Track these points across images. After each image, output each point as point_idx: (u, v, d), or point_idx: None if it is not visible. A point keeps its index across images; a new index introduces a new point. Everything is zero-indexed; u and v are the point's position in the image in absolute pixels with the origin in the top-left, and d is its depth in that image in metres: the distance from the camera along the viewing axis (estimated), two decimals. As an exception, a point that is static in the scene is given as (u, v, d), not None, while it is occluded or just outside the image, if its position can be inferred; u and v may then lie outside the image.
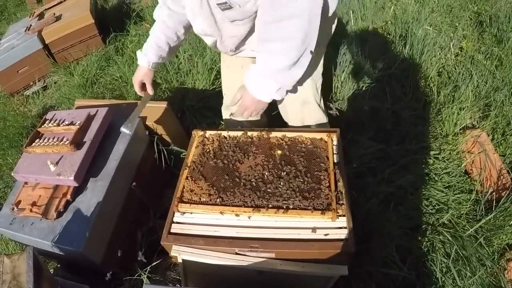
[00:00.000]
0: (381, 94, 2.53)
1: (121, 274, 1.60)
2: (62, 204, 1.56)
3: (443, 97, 2.51)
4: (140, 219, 1.84)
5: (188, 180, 1.40)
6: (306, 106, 1.67)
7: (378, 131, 2.33)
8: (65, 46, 3.51)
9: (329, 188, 1.30)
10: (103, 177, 1.65)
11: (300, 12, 1.16)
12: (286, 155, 1.44)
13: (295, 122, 1.77)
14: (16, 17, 5.06)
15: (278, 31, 1.21)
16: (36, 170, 1.62)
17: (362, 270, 1.68)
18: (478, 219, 1.89)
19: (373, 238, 1.76)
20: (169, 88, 2.93)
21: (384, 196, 1.95)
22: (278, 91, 1.33)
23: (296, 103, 1.68)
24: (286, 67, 1.27)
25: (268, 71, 1.30)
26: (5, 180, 2.74)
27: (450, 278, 1.67)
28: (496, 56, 2.77)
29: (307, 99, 1.65)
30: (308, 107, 1.68)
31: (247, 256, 1.23)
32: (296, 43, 1.21)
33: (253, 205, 1.29)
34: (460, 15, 3.28)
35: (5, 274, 1.18)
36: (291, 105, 1.72)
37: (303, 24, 1.18)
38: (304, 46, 1.23)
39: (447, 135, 2.32)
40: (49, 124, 1.78)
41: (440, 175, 2.10)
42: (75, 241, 1.46)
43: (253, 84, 1.35)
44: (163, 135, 2.03)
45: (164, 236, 1.26)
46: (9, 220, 1.59)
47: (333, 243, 1.19)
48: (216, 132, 1.56)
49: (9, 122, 3.14)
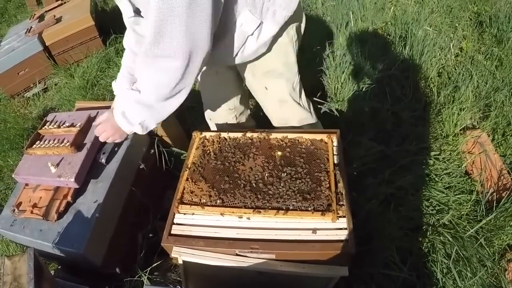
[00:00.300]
0: (381, 95, 2.53)
1: (121, 275, 1.60)
2: (62, 206, 1.56)
3: (443, 98, 2.50)
4: (141, 220, 1.84)
5: (188, 181, 1.40)
6: (284, 105, 1.66)
7: (378, 132, 2.33)
8: (65, 48, 3.52)
9: (329, 189, 1.31)
10: (103, 179, 1.65)
11: (176, 54, 1.13)
12: (286, 156, 1.44)
13: (279, 122, 1.76)
14: (16, 19, 5.07)
15: (151, 68, 1.20)
16: (37, 171, 1.62)
17: (362, 271, 1.68)
18: (478, 220, 1.88)
19: (374, 239, 1.76)
20: (170, 90, 2.93)
21: (385, 197, 1.95)
22: (141, 124, 1.34)
23: (274, 103, 1.68)
24: (154, 103, 1.27)
25: (134, 102, 1.29)
26: (6, 181, 2.74)
27: (450, 279, 1.67)
28: (496, 57, 2.77)
29: (283, 98, 1.64)
30: (287, 105, 1.66)
31: (247, 257, 1.23)
32: (168, 83, 1.21)
33: (254, 206, 1.29)
34: (460, 15, 3.28)
35: (6, 275, 1.18)
36: (270, 106, 1.71)
37: (177, 66, 1.16)
38: (177, 88, 1.23)
39: (447, 136, 2.32)
40: (50, 126, 1.78)
41: (440, 176, 2.10)
42: (76, 243, 1.47)
43: (117, 110, 1.35)
44: (163, 136, 2.04)
45: (164, 238, 1.26)
46: (10, 222, 1.60)
47: (334, 244, 1.19)
48: (217, 134, 1.57)
49: (10, 124, 3.14)
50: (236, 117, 1.95)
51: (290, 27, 1.45)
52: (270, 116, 1.77)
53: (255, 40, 1.37)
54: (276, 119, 1.76)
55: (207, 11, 1.09)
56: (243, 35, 1.34)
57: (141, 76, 1.27)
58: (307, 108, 1.74)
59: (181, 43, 1.11)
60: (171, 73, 1.18)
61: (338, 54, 2.68)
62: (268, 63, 1.52)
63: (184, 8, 1.04)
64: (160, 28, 1.08)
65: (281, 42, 1.47)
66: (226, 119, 1.95)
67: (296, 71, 1.59)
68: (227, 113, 1.92)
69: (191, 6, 1.05)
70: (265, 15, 1.32)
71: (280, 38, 1.45)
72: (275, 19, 1.34)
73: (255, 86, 1.66)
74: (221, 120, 1.96)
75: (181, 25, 1.07)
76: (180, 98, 1.29)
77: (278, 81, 1.57)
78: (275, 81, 1.57)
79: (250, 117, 2.09)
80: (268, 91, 1.63)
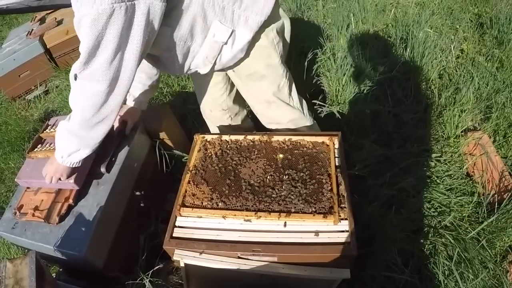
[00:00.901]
0: (382, 97, 2.53)
1: (123, 278, 1.60)
2: (64, 209, 1.56)
3: (444, 100, 2.51)
4: (142, 223, 1.84)
5: (190, 184, 1.40)
6: (271, 105, 1.66)
7: (379, 134, 2.33)
8: (66, 50, 3.52)
9: (331, 192, 1.31)
10: (105, 182, 1.65)
11: (100, 78, 1.18)
12: (288, 159, 1.44)
13: (269, 123, 1.76)
14: (17, 22, 5.08)
15: (78, 93, 1.27)
16: (38, 175, 1.62)
17: (364, 274, 1.68)
18: (480, 222, 1.88)
19: (375, 241, 1.76)
20: (171, 92, 2.94)
21: (386, 199, 1.94)
22: (74, 154, 1.40)
23: (262, 104, 1.68)
24: (81, 131, 1.32)
25: (66, 132, 1.36)
26: (7, 184, 2.74)
27: (452, 280, 1.67)
28: (497, 58, 2.77)
29: (269, 99, 1.64)
30: (275, 105, 1.66)
31: (249, 260, 1.23)
32: (92, 105, 1.24)
33: (255, 209, 1.29)
34: (461, 17, 3.28)
35: (8, 278, 1.18)
36: (258, 105, 1.72)
37: (101, 90, 1.21)
38: (102, 112, 1.27)
39: (449, 138, 2.32)
40: (51, 129, 1.79)
41: (442, 178, 2.10)
42: (77, 246, 1.46)
43: (56, 143, 1.42)
44: (164, 139, 2.04)
45: (166, 240, 1.26)
46: (11, 225, 1.59)
47: (335, 247, 1.19)
48: (218, 136, 1.57)
49: (11, 127, 3.15)
50: (231, 118, 1.96)
51: (268, 29, 1.44)
52: (260, 117, 1.78)
53: (230, 48, 1.39)
54: (265, 119, 1.76)
55: (138, 45, 1.14)
56: (217, 44, 1.36)
57: (71, 104, 1.31)
58: (299, 108, 1.73)
59: (107, 70, 1.15)
60: (95, 97, 1.22)
61: (339, 56, 2.68)
62: (250, 66, 1.52)
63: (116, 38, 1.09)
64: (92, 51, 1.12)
65: (261, 45, 1.47)
66: (221, 120, 1.96)
67: (281, 72, 1.58)
68: (221, 113, 1.93)
69: (122, 37, 1.10)
70: (236, 23, 1.33)
71: (258, 42, 1.45)
72: (248, 25, 1.35)
73: (242, 88, 1.68)
74: (217, 120, 1.98)
75: (111, 53, 1.12)
76: (107, 123, 1.32)
77: (261, 83, 1.58)
78: (258, 83, 1.58)
79: (248, 118, 2.09)
80: (254, 92, 1.64)
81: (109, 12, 1.02)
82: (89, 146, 1.39)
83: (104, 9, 1.01)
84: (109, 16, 1.03)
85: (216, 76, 1.76)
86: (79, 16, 1.05)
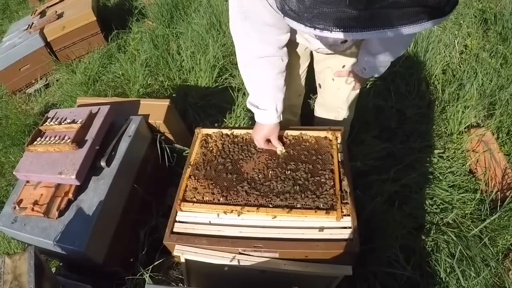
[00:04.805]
0: (386, 92, 2.52)
1: (123, 273, 1.59)
2: (64, 203, 1.55)
3: (447, 95, 2.49)
4: (143, 218, 1.83)
5: (191, 178, 1.38)
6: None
7: (382, 129, 2.31)
8: (67, 43, 3.51)
9: (334, 187, 1.29)
10: (105, 176, 1.64)
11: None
12: (290, 154, 1.43)
13: (335, 108, 1.78)
14: (18, 15, 5.05)
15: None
16: (38, 169, 1.61)
17: (366, 270, 1.67)
18: (482, 219, 1.87)
19: (377, 237, 1.75)
20: (172, 86, 2.92)
21: (389, 195, 1.93)
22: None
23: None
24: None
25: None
26: (7, 178, 2.74)
27: (454, 278, 1.66)
28: (501, 54, 2.75)
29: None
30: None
31: (250, 256, 1.22)
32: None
33: (257, 204, 1.27)
34: (465, 12, 3.25)
35: (6, 274, 1.17)
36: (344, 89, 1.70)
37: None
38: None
39: (452, 134, 2.30)
40: (51, 122, 1.76)
41: (444, 174, 2.09)
42: (77, 240, 1.46)
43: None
44: (165, 133, 2.02)
45: (166, 236, 1.25)
46: (11, 219, 1.59)
47: (338, 243, 1.18)
48: (219, 130, 1.55)
49: (11, 120, 3.14)
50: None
51: None
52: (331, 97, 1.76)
53: None
54: (337, 101, 1.76)
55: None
56: None
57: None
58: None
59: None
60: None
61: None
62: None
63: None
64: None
65: None
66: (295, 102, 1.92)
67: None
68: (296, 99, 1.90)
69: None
70: None
71: None
72: None
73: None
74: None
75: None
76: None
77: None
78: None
79: (292, 114, 2.01)
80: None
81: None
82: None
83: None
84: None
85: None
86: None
